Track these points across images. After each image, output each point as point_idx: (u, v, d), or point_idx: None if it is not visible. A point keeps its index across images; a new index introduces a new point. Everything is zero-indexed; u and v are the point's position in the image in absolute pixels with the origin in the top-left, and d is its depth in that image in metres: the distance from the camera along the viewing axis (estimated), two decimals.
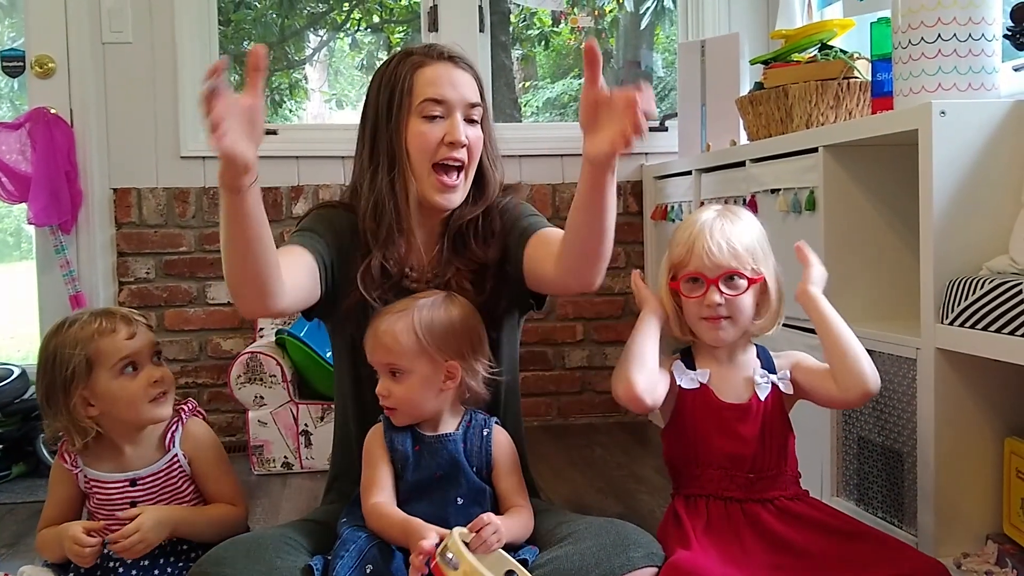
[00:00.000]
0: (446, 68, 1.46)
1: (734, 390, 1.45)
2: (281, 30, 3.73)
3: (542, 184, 3.07)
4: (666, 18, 3.64)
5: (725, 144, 2.66)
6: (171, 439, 1.49)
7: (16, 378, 2.57)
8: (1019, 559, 1.48)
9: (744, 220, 1.47)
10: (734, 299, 1.41)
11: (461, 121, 1.45)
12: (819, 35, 2.27)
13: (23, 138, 2.72)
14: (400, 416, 1.39)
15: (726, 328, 1.43)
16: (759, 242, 1.45)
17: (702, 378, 1.46)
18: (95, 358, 1.41)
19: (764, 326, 1.47)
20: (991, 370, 1.54)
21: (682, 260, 1.45)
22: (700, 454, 1.44)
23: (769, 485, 1.42)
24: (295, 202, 2.97)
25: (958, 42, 1.64)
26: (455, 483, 1.37)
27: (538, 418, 3.08)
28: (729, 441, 1.42)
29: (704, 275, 1.42)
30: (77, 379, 1.41)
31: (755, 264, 1.43)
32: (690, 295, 1.45)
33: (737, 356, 1.48)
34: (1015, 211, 1.55)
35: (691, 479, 1.46)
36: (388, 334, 1.36)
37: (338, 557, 1.26)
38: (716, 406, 1.44)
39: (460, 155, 1.45)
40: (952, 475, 1.57)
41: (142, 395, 1.43)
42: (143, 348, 1.45)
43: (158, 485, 1.47)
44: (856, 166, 1.89)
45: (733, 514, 1.40)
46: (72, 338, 1.42)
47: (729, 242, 1.41)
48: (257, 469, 2.55)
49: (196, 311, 2.93)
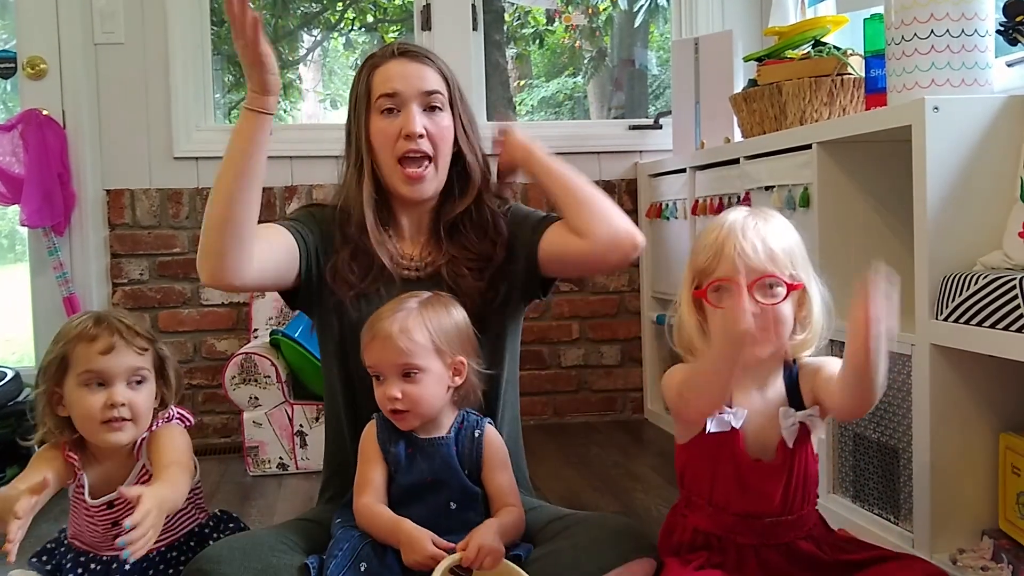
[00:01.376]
0: (399, 63, 1.49)
1: (763, 437, 1.26)
2: (275, 30, 3.73)
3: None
4: (660, 16, 3.64)
5: (719, 141, 2.66)
6: (139, 448, 1.41)
7: (9, 380, 2.56)
8: (1015, 554, 1.48)
9: (778, 220, 1.29)
10: (771, 308, 1.22)
11: (417, 112, 1.47)
12: (812, 32, 2.27)
13: (15, 140, 2.71)
14: (411, 419, 1.36)
15: (763, 343, 1.22)
16: (797, 246, 1.27)
17: (735, 421, 1.24)
18: (69, 360, 1.37)
19: (801, 346, 1.27)
20: (986, 366, 1.54)
21: (708, 266, 1.25)
22: (716, 499, 1.28)
23: (788, 529, 1.27)
24: (289, 202, 2.96)
25: (951, 38, 1.64)
26: (447, 487, 1.36)
27: (534, 417, 3.08)
28: (751, 499, 1.26)
29: (736, 281, 1.18)
30: (50, 373, 1.37)
31: (794, 269, 1.24)
32: (719, 304, 1.22)
33: (768, 383, 1.28)
34: (1008, 207, 1.55)
35: (701, 515, 1.30)
36: (403, 335, 1.33)
37: (332, 556, 1.26)
38: (742, 462, 1.25)
39: (420, 146, 1.47)
40: (948, 471, 1.57)
41: (96, 415, 1.35)
42: (115, 369, 1.35)
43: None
44: (850, 162, 1.89)
45: (745, 556, 1.27)
46: (62, 332, 1.39)
47: (765, 242, 1.22)
48: (252, 470, 2.54)
49: (190, 312, 2.92)
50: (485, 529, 1.29)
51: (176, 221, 2.91)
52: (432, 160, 1.48)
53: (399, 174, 1.48)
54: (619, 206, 1.47)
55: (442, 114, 1.50)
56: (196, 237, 2.89)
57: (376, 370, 1.37)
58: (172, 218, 2.91)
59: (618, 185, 3.07)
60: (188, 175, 2.92)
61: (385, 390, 1.35)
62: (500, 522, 1.33)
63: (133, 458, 1.41)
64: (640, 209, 3.03)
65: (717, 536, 1.28)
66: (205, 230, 1.33)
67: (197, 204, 2.91)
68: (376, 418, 1.41)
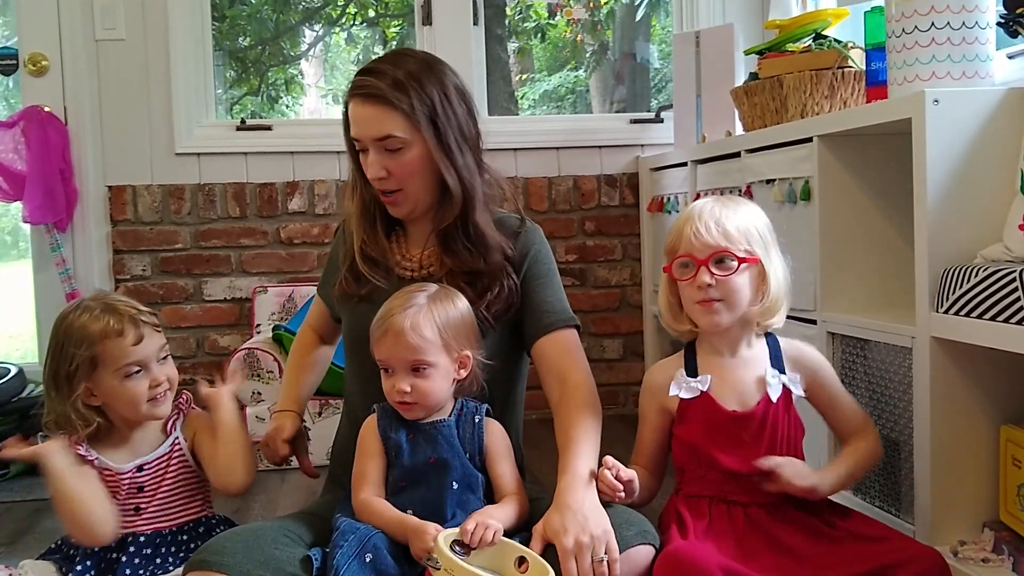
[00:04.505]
0: (356, 106, 1.47)
1: (739, 394, 1.41)
2: (276, 25, 3.72)
3: (538, 177, 3.07)
4: (661, 9, 3.63)
5: (720, 135, 2.66)
6: (172, 425, 1.52)
7: (13, 376, 2.57)
8: (1015, 546, 1.48)
9: (740, 205, 1.45)
10: (725, 279, 1.38)
11: (375, 156, 1.47)
12: (813, 25, 2.27)
13: (17, 136, 2.72)
14: (418, 410, 1.38)
15: (720, 311, 1.39)
16: (756, 227, 1.43)
17: (701, 385, 1.42)
18: (100, 359, 1.43)
19: (765, 314, 1.42)
20: (986, 358, 1.54)
21: (674, 245, 1.44)
22: (703, 460, 1.40)
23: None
24: (290, 198, 2.96)
25: (951, 30, 1.63)
26: (449, 468, 1.37)
27: (536, 410, 3.07)
28: (734, 452, 1.38)
29: (694, 256, 1.39)
30: (80, 375, 1.42)
31: (749, 245, 1.40)
32: (682, 278, 1.42)
33: (742, 351, 1.45)
34: (1009, 199, 1.54)
35: (693, 480, 1.42)
36: (414, 331, 1.35)
37: (337, 547, 1.26)
38: (719, 416, 1.40)
39: (385, 186, 1.49)
40: (948, 463, 1.57)
41: (143, 396, 1.45)
42: (150, 354, 1.46)
43: (162, 468, 1.49)
44: (851, 156, 1.89)
45: (736, 517, 1.37)
46: (79, 334, 1.42)
47: (718, 222, 1.39)
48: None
49: (193, 308, 2.93)
50: (485, 511, 1.31)
51: (178, 217, 2.92)
52: (401, 190, 1.50)
53: (381, 197, 1.53)
54: (621, 200, 1.48)
55: (403, 152, 1.47)
56: (198, 233, 2.93)
57: (386, 364, 1.39)
58: (174, 214, 2.91)
59: (620, 179, 3.07)
60: (190, 171, 2.93)
61: (394, 383, 1.37)
62: (502, 505, 1.35)
63: (164, 433, 1.51)
64: (642, 203, 3.03)
65: (709, 499, 1.39)
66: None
67: (199, 200, 2.92)
68: (376, 408, 1.43)
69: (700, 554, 1.24)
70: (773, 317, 1.43)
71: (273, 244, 2.97)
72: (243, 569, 1.22)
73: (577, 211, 3.08)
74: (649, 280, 3.02)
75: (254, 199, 2.95)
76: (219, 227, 2.94)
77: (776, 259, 1.43)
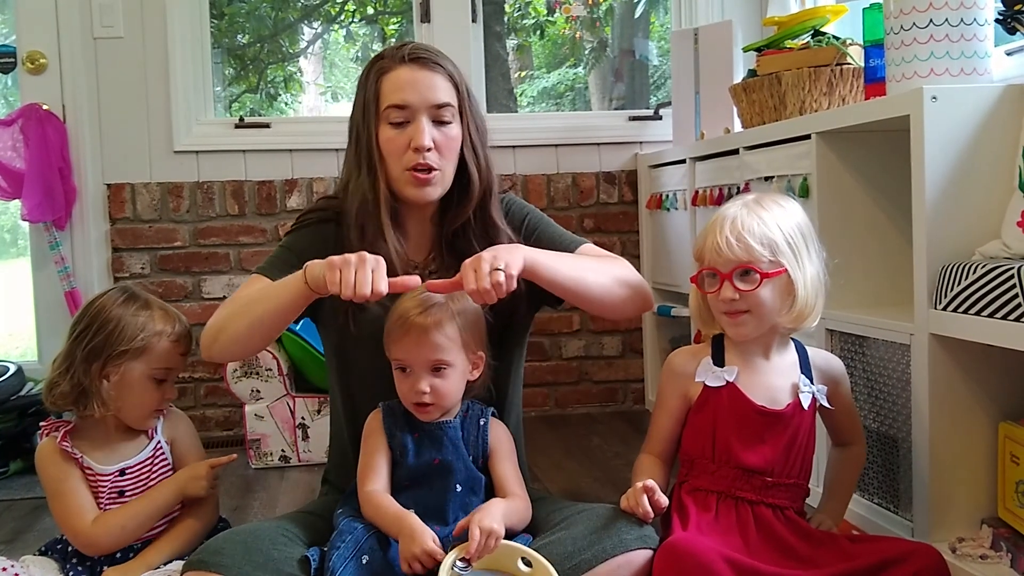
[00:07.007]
0: (409, 71, 1.43)
1: (766, 392, 1.39)
2: (275, 23, 3.72)
3: (536, 174, 3.07)
4: (660, 6, 3.63)
5: (719, 132, 2.66)
6: (154, 427, 1.55)
7: (12, 375, 2.57)
8: (1014, 543, 1.48)
9: (770, 210, 1.40)
10: (749, 294, 1.35)
11: (426, 124, 1.42)
12: (812, 21, 2.27)
13: (16, 134, 2.72)
14: (434, 411, 1.37)
15: (746, 323, 1.37)
16: (785, 233, 1.38)
17: (728, 375, 1.39)
18: (147, 351, 1.48)
19: (795, 321, 1.38)
20: (985, 355, 1.54)
21: (700, 254, 1.42)
22: (718, 453, 1.39)
23: (783, 493, 1.39)
24: (289, 195, 2.96)
25: (950, 27, 1.63)
26: (453, 471, 1.37)
27: (535, 408, 3.08)
28: (752, 448, 1.37)
29: (717, 270, 1.37)
30: (121, 356, 1.47)
31: (774, 256, 1.36)
32: (708, 290, 1.40)
33: (772, 355, 1.43)
34: (1007, 196, 1.54)
35: (703, 473, 1.40)
36: (437, 330, 1.33)
37: (334, 547, 1.27)
38: (746, 408, 1.38)
39: (429, 159, 1.43)
40: (947, 460, 1.58)
41: (153, 403, 1.50)
42: (179, 369, 1.56)
43: (144, 473, 1.51)
44: (849, 152, 1.89)
45: (743, 514, 1.36)
46: (143, 322, 1.50)
47: (740, 237, 1.35)
48: (255, 463, 2.55)
49: (191, 306, 2.93)
50: (487, 510, 1.28)
51: (177, 215, 2.92)
52: (439, 170, 1.46)
53: (408, 177, 1.45)
54: (619, 197, 1.47)
55: (451, 126, 1.46)
56: (197, 231, 2.93)
57: (404, 363, 1.36)
58: (173, 212, 2.91)
59: (618, 176, 3.07)
60: (189, 169, 2.92)
61: (412, 384, 1.35)
62: (504, 504, 1.33)
63: (148, 436, 1.54)
64: (640, 200, 3.03)
65: (717, 494, 1.37)
66: (227, 332, 1.38)
67: (198, 198, 2.91)
68: (382, 406, 1.42)
69: (700, 546, 1.23)
70: (804, 322, 1.39)
71: (272, 242, 2.96)
72: (241, 569, 1.22)
73: (576, 208, 3.08)
74: (648, 277, 3.01)
75: (253, 197, 2.95)
76: (218, 225, 2.94)
77: (808, 264, 1.39)
